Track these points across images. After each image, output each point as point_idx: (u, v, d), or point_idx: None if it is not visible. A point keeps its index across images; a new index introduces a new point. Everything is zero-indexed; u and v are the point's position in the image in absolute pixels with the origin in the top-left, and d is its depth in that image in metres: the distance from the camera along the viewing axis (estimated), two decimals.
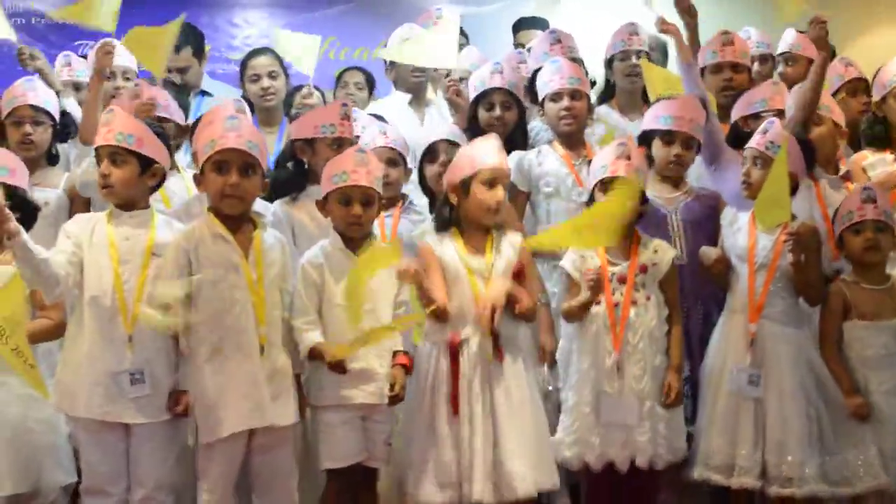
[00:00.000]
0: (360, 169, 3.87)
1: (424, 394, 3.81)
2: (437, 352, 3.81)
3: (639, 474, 3.94)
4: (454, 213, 3.87)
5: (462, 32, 6.03)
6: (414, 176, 4.54)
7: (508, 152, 4.38)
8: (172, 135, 4.42)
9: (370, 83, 5.89)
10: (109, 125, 3.79)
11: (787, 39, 5.52)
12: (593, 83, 5.34)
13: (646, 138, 4.41)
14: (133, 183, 3.80)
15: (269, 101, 5.41)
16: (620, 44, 5.25)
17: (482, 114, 4.78)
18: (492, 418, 3.73)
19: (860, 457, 3.98)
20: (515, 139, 4.75)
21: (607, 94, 5.32)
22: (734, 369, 4.01)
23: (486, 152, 3.88)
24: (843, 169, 4.68)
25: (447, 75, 5.31)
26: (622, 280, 3.97)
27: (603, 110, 5.18)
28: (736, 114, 4.75)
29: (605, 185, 3.99)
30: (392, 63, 5.68)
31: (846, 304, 4.07)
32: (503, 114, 4.75)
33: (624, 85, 5.20)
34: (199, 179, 3.81)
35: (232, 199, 3.74)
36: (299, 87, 5.38)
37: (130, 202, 3.82)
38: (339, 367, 3.72)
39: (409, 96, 5.62)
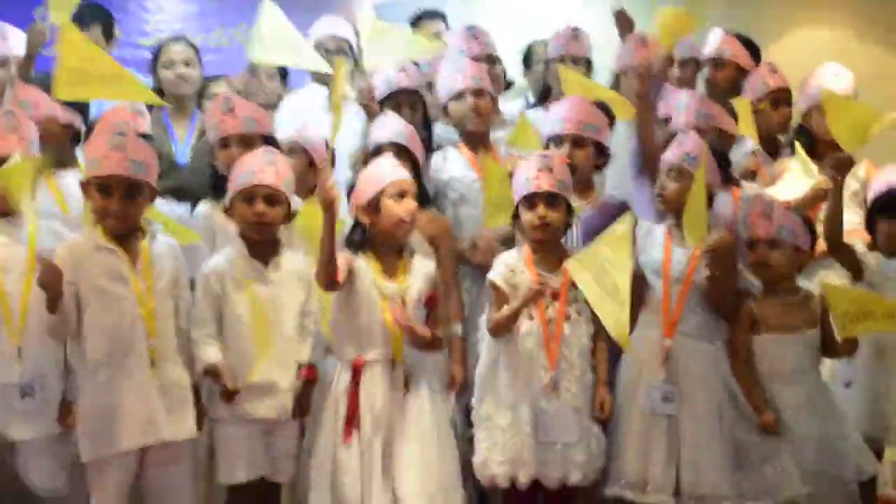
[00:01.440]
0: (266, 168, 3.77)
1: (327, 410, 3.72)
2: (341, 369, 3.73)
3: (560, 491, 3.87)
4: (366, 234, 3.78)
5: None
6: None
7: None
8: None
9: (283, 73, 5.72)
10: None
11: (715, 42, 5.35)
12: (510, 84, 5.25)
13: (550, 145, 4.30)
14: None
15: (183, 89, 5.18)
16: (560, 48, 5.15)
17: None
18: (392, 445, 3.68)
19: (776, 469, 3.92)
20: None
21: (542, 97, 5.20)
22: (648, 386, 3.94)
23: (388, 167, 3.82)
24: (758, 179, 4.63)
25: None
26: (554, 295, 3.88)
27: (535, 115, 4.99)
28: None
29: (530, 200, 3.89)
30: None
31: (755, 319, 4.01)
32: (411, 115, 4.61)
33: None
34: (84, 189, 3.66)
35: (113, 221, 3.60)
36: (215, 78, 5.25)
37: (6, 209, 3.68)
38: (230, 396, 3.63)
39: (326, 90, 5.39)
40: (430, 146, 4.61)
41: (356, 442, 3.65)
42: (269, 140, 4.16)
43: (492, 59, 5.03)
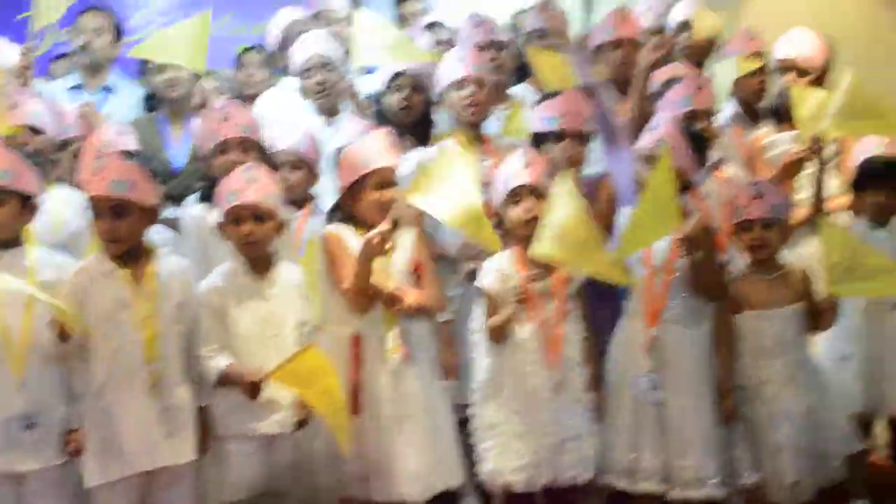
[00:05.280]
0: (248, 186, 3.80)
1: None
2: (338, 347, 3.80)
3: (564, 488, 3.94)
4: (349, 211, 3.87)
5: None
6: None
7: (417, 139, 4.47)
8: (47, 150, 4.28)
9: (272, 62, 5.74)
10: None
11: (685, 9, 5.41)
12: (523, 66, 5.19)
13: (536, 140, 4.32)
14: (13, 222, 3.71)
15: (175, 91, 5.18)
16: (538, 21, 5.21)
17: (390, 97, 4.70)
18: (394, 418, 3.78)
19: (746, 453, 4.01)
20: (419, 129, 4.69)
21: (524, 74, 5.21)
22: (636, 374, 4.01)
23: (376, 152, 3.86)
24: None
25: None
26: (549, 295, 3.93)
27: (520, 90, 5.10)
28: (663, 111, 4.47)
29: (516, 196, 3.93)
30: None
31: (738, 297, 4.06)
32: (412, 96, 4.67)
33: None
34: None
35: (111, 244, 3.66)
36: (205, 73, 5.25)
37: (6, 240, 3.72)
38: (254, 389, 3.68)
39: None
40: (427, 134, 4.67)
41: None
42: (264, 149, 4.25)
43: (498, 46, 5.01)
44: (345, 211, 3.92)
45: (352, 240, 3.83)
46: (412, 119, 4.68)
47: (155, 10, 7.18)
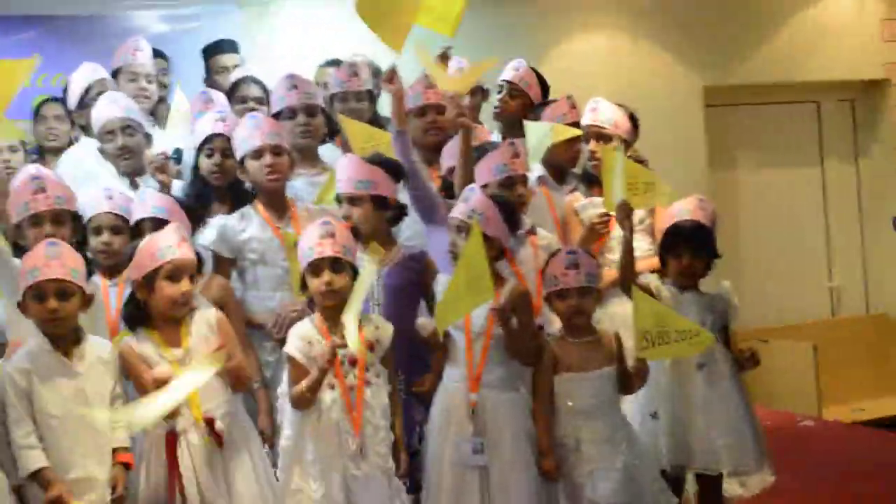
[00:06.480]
0: (52, 262, 3.75)
1: (148, 489, 3.77)
2: (155, 448, 3.77)
3: None
4: (142, 308, 3.84)
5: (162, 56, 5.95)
6: None
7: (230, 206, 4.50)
8: None
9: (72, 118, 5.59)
10: None
11: (516, 70, 5.55)
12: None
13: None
14: None
15: (52, 143, 5.29)
16: (339, 83, 5.25)
17: (203, 161, 4.70)
18: None
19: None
20: (231, 191, 4.72)
21: (332, 134, 5.24)
22: (457, 440, 4.06)
23: (167, 243, 3.84)
24: None
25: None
26: (352, 362, 3.95)
27: (326, 150, 5.13)
28: (480, 179, 4.55)
29: (314, 267, 3.96)
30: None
31: (555, 359, 4.17)
32: (223, 161, 4.69)
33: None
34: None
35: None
36: None
37: None
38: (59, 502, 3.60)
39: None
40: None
41: None
42: (77, 218, 4.25)
43: (311, 111, 4.99)
44: (138, 303, 3.88)
45: (145, 348, 3.82)
46: (226, 182, 4.70)
47: None
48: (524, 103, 5.46)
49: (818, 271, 9.34)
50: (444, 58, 4.79)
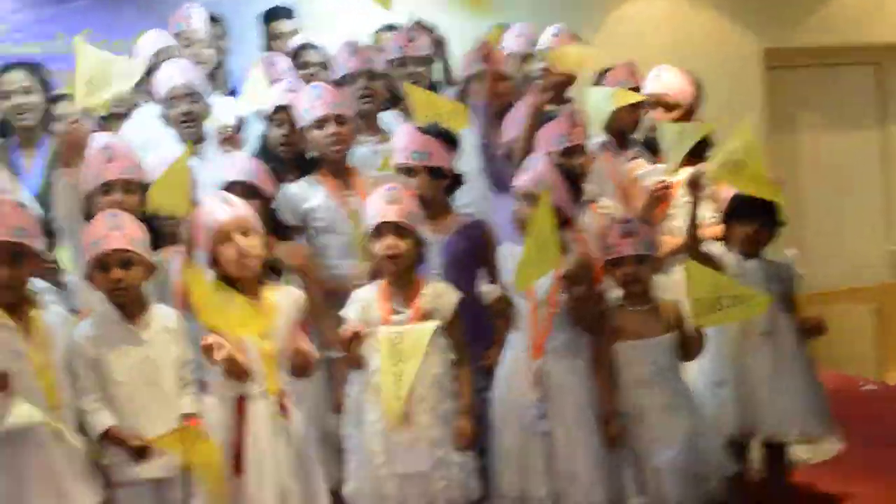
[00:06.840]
0: (113, 233, 3.78)
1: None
2: (223, 408, 3.76)
3: None
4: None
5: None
6: None
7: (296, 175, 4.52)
8: None
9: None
10: None
11: (549, 36, 5.50)
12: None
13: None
14: None
15: (25, 121, 5.11)
16: (398, 49, 5.23)
17: (271, 132, 4.74)
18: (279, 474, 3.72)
19: (635, 474, 4.11)
20: (300, 162, 4.71)
21: (392, 101, 5.22)
22: (521, 406, 4.08)
23: (212, 211, 3.79)
24: None
25: None
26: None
27: (387, 116, 5.11)
28: (540, 148, 4.54)
29: (379, 230, 3.96)
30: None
31: (616, 329, 4.18)
32: (291, 132, 4.69)
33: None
34: None
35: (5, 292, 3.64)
36: (60, 97, 5.16)
37: None
38: (142, 453, 3.65)
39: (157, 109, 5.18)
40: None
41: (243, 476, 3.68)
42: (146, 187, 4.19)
43: (371, 75, 5.00)
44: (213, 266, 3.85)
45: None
46: (293, 153, 4.71)
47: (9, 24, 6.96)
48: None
49: (879, 234, 9.27)
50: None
